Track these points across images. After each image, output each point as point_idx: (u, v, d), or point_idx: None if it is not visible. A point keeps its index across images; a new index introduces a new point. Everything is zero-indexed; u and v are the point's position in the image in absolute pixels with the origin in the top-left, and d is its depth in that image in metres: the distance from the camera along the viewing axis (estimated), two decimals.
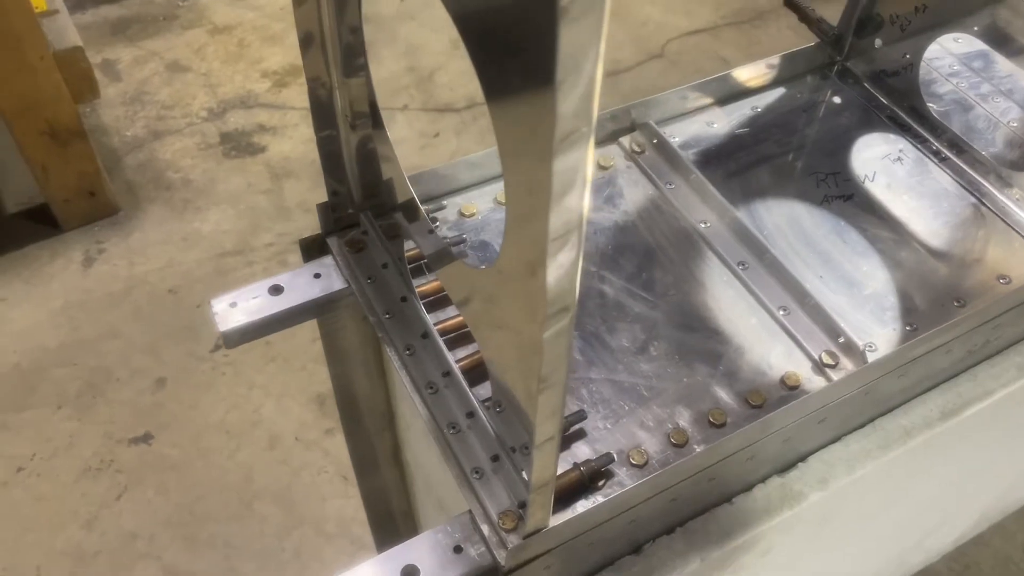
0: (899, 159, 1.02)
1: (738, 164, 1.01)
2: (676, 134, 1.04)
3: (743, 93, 1.07)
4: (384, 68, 2.55)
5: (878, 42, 1.06)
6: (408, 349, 0.82)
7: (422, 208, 0.83)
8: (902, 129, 1.05)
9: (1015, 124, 1.06)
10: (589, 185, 0.44)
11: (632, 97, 2.80)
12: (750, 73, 1.08)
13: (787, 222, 0.96)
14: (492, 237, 0.92)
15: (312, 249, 0.91)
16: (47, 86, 1.84)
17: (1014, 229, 0.96)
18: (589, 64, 0.40)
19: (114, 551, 1.58)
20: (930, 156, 1.02)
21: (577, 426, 0.78)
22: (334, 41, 0.74)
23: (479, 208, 0.93)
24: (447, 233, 0.92)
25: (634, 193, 0.98)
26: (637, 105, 1.02)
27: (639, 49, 2.63)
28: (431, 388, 0.78)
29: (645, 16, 2.75)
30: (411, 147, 2.40)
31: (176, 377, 1.79)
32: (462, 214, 0.94)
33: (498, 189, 0.96)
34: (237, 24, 2.61)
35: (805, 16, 1.09)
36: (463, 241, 0.90)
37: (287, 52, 2.56)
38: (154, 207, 2.17)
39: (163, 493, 1.65)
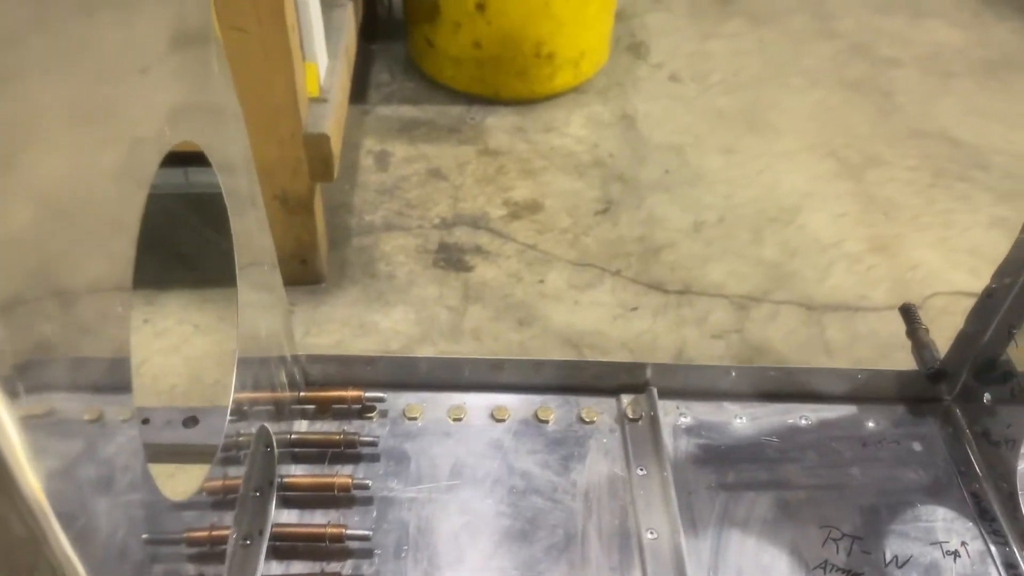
0: (955, 553, 0.76)
1: (740, 478, 0.82)
2: (690, 415, 0.87)
3: (803, 395, 0.88)
4: (617, 230, 2.52)
5: (987, 396, 0.80)
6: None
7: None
8: (981, 516, 0.78)
9: None
10: None
11: (863, 340, 2.48)
12: (824, 377, 0.88)
13: (755, 574, 0.75)
14: (418, 449, 0.83)
15: None
16: (290, 159, 2.06)
17: None
18: None
19: None
20: (999, 567, 0.75)
21: None
22: None
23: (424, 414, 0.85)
24: (376, 430, 0.85)
25: (598, 464, 0.83)
26: (659, 365, 0.88)
27: (895, 292, 2.34)
28: None
29: (919, 259, 2.45)
30: (605, 313, 2.34)
31: None
32: (405, 414, 0.87)
33: (457, 400, 0.87)
34: (506, 151, 2.76)
35: (913, 331, 0.87)
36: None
37: (536, 188, 2.65)
38: (353, 289, 2.32)
39: None
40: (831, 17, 3.29)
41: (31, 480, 0.36)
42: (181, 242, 2.32)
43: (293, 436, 0.82)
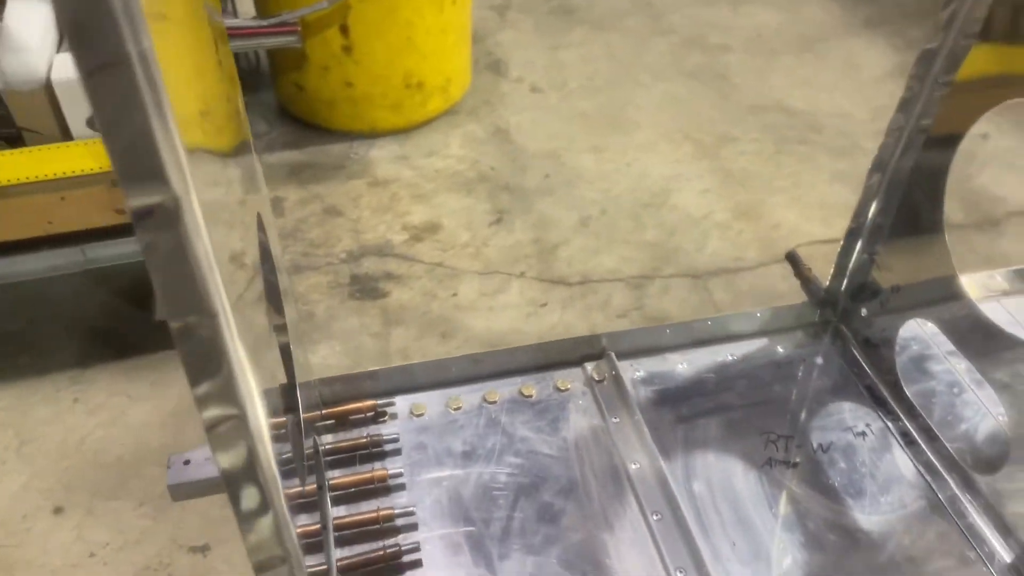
0: (863, 434, 0.99)
1: (692, 410, 1.02)
2: (642, 369, 1.07)
3: (725, 338, 1.09)
4: (513, 236, 2.72)
5: (864, 311, 1.04)
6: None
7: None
8: (876, 403, 1.02)
9: (1000, 419, 0.99)
10: None
11: (746, 296, 2.76)
12: (739, 320, 1.10)
13: (720, 479, 0.96)
14: (432, 438, 0.99)
15: None
16: None
17: (968, 539, 0.89)
18: None
19: None
20: (897, 437, 0.98)
21: None
22: None
23: (429, 410, 1.02)
24: (393, 429, 1.00)
25: (579, 421, 1.02)
26: (611, 335, 1.07)
27: (764, 251, 2.64)
28: None
29: (779, 219, 2.76)
30: (518, 313, 2.52)
31: None
32: (412, 413, 1.03)
33: (452, 393, 1.04)
34: (394, 179, 2.91)
35: (799, 272, 1.10)
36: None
37: (431, 210, 2.81)
38: None
39: None
40: (662, 15, 3.62)
41: (272, 464, 0.52)
42: (96, 317, 2.36)
43: (328, 446, 0.96)
